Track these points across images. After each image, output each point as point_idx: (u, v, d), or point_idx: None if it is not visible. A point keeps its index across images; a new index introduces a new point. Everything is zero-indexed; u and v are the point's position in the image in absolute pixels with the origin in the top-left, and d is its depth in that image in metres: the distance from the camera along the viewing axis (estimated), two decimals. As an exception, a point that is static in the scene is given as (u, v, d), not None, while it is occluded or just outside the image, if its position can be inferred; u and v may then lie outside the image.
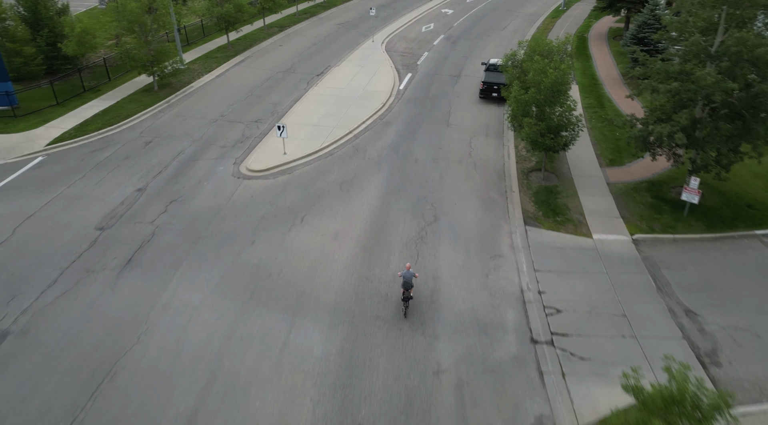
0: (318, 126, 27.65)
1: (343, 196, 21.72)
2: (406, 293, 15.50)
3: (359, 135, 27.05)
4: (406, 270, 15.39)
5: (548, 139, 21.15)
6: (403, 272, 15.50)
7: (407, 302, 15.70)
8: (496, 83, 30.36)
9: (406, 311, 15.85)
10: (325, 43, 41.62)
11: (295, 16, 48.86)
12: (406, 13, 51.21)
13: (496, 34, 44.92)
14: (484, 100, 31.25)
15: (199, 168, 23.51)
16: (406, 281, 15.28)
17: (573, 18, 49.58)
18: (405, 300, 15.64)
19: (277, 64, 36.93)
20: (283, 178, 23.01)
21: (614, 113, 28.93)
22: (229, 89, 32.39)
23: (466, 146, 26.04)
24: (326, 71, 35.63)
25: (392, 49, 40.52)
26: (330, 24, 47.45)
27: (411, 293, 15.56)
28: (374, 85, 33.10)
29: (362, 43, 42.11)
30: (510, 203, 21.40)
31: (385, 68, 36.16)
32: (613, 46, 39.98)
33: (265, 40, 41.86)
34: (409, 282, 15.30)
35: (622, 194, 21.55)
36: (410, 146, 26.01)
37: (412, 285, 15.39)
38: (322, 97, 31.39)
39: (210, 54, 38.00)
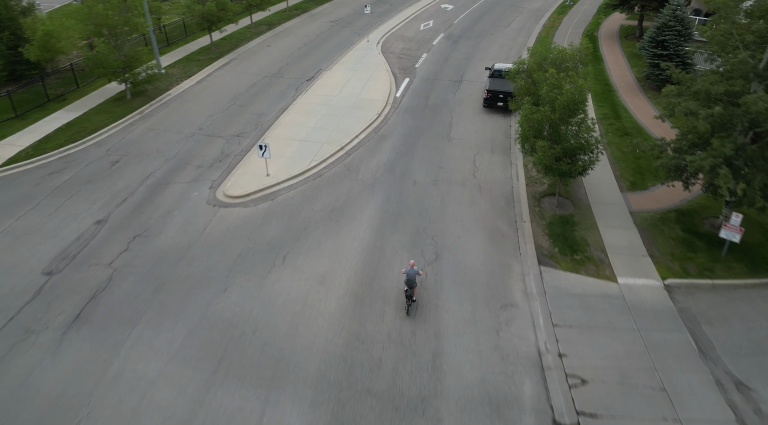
0: (306, 141, 25.00)
1: (332, 228, 19.17)
2: (408, 292, 15.32)
3: (351, 152, 24.43)
4: (410, 268, 15.15)
5: (564, 164, 18.60)
6: (406, 270, 15.22)
7: (410, 300, 15.49)
8: (502, 92, 27.69)
9: (409, 310, 15.62)
10: (316, 44, 38.79)
11: (285, 12, 45.91)
12: (404, 9, 48.28)
13: (499, 32, 42.12)
14: (488, 110, 28.61)
15: (170, 194, 20.88)
16: (410, 279, 15.08)
17: (580, 14, 46.76)
18: (408, 298, 15.45)
19: (263, 67, 34.14)
20: (264, 205, 20.42)
21: (632, 124, 26.33)
22: (210, 97, 29.64)
23: (469, 164, 23.46)
24: (317, 76, 32.89)
25: (388, 50, 37.73)
26: (322, 21, 44.54)
27: (414, 293, 15.35)
28: (369, 93, 30.40)
29: (356, 43, 39.28)
30: (521, 237, 18.88)
31: (381, 72, 33.42)
32: (626, 47, 37.26)
33: (251, 40, 38.97)
34: (413, 280, 15.08)
35: (648, 225, 19.04)
36: (408, 164, 23.41)
37: (415, 283, 15.17)
38: (311, 106, 28.69)
39: (191, 56, 35.15)
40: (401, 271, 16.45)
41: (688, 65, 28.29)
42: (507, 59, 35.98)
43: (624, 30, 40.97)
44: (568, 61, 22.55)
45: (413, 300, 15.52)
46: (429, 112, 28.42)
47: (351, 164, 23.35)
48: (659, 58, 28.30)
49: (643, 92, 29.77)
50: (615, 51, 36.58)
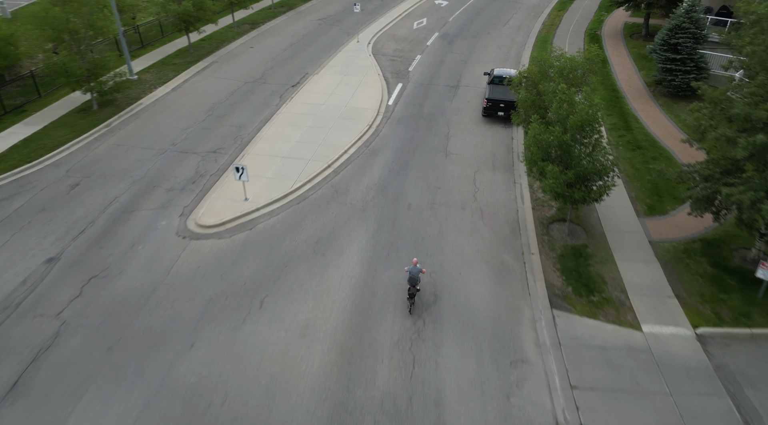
0: (290, 158, 22.72)
1: (317, 263, 17.00)
2: (411, 289, 14.94)
3: (340, 170, 22.20)
4: (413, 266, 14.88)
5: (578, 191, 16.52)
6: (409, 267, 14.96)
7: (413, 298, 15.11)
8: (503, 101, 25.52)
9: (411, 308, 15.30)
10: (303, 44, 36.36)
11: (270, 9, 43.30)
12: (396, 6, 45.82)
13: (497, 31, 39.86)
14: (487, 120, 26.42)
15: (135, 223, 18.59)
16: (412, 276, 14.78)
17: (581, 11, 44.56)
18: (411, 297, 15.06)
19: (245, 71, 31.71)
20: (241, 236, 18.19)
21: (644, 136, 24.24)
22: (185, 107, 27.22)
23: (469, 184, 21.33)
24: (303, 81, 30.54)
25: (380, 51, 35.38)
26: (310, 19, 42.03)
27: (418, 288, 15.03)
28: (359, 100, 28.11)
29: (346, 43, 36.89)
30: (529, 273, 16.81)
31: (372, 77, 31.12)
32: (632, 47, 35.15)
33: (233, 41, 36.44)
34: (416, 278, 14.77)
35: (672, 259, 17.02)
36: (402, 184, 21.24)
37: (418, 280, 14.88)
38: (296, 116, 26.37)
39: (167, 60, 32.63)
40: (404, 269, 16.13)
41: (702, 70, 26.25)
42: (506, 61, 33.81)
43: (628, 28, 38.83)
44: (577, 70, 20.52)
45: (418, 289, 15.14)
46: (424, 122, 26.21)
47: (339, 185, 21.15)
48: (672, 62, 26.21)
49: (653, 99, 27.69)
50: (621, 52, 34.46)
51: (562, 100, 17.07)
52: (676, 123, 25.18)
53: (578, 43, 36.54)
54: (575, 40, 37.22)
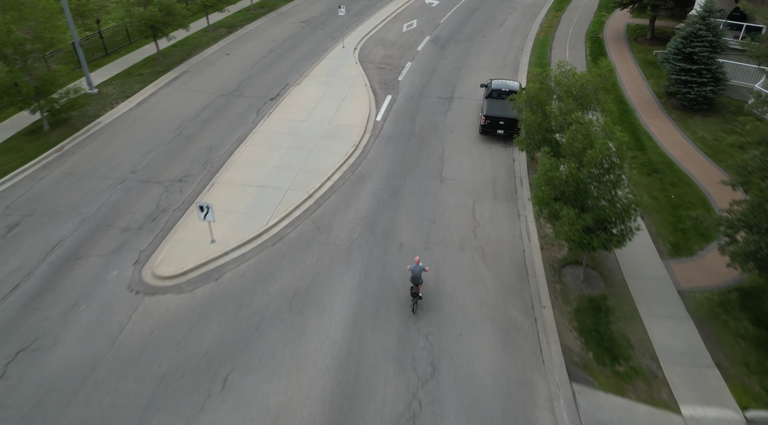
0: (266, 188, 20.12)
1: (293, 325, 14.49)
2: (414, 288, 14.64)
3: (322, 200, 19.66)
4: (415, 264, 14.54)
5: (598, 238, 14.16)
6: (411, 266, 14.62)
7: (415, 298, 14.80)
8: (502, 118, 23.05)
9: (414, 307, 14.93)
10: (284, 50, 33.59)
11: (250, 11, 40.40)
12: (384, 6, 43.10)
13: (491, 33, 37.34)
14: (486, 138, 23.93)
15: (79, 275, 15.94)
16: (415, 275, 14.46)
17: (580, 11, 42.17)
18: (413, 296, 14.75)
19: (220, 82, 28.93)
20: (205, 289, 15.62)
21: (660, 158, 21.84)
22: (150, 125, 24.43)
23: (468, 217, 18.90)
24: (283, 93, 27.84)
25: (367, 58, 32.74)
26: (292, 22, 39.19)
27: (420, 290, 14.72)
28: (344, 116, 25.49)
29: (330, 48, 34.19)
30: (542, 333, 14.44)
31: (359, 88, 28.49)
32: (637, 52, 32.80)
33: (208, 47, 33.57)
34: (418, 277, 14.45)
35: (706, 314, 14.74)
36: (392, 218, 18.75)
37: (421, 280, 14.57)
38: (275, 136, 23.70)
39: (133, 70, 29.74)
40: (406, 267, 15.78)
41: (720, 81, 23.99)
42: (503, 69, 31.34)
43: (632, 31, 36.50)
44: (588, 88, 18.12)
45: (419, 297, 14.83)
46: (416, 141, 23.70)
47: (321, 220, 18.61)
48: (686, 73, 23.88)
49: (666, 113, 25.38)
50: (625, 57, 32.14)
51: (577, 131, 14.68)
52: (694, 141, 22.89)
53: (579, 47, 34.18)
54: (576, 43, 34.85)
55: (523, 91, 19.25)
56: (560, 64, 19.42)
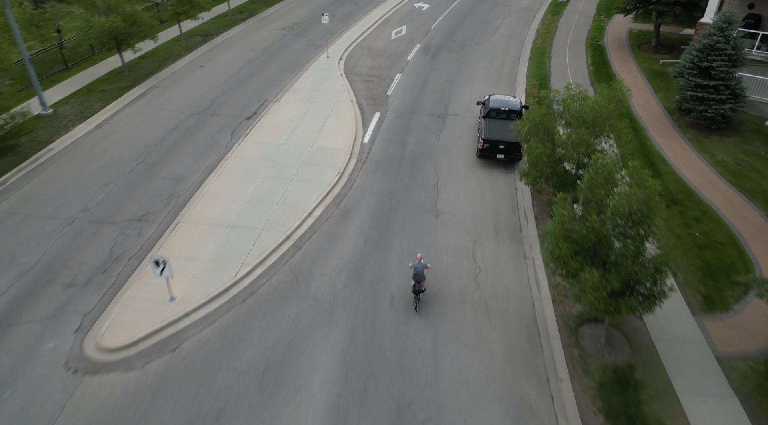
0: (237, 227, 17.69)
1: (263, 411, 12.07)
2: (417, 286, 14.47)
3: (302, 242, 17.28)
4: (418, 261, 14.37)
5: (626, 304, 11.94)
6: (414, 263, 14.43)
7: (418, 295, 14.65)
8: (503, 142, 20.81)
9: (417, 305, 14.77)
10: (263, 61, 31.04)
11: (227, 17, 37.72)
12: (371, 11, 40.64)
13: (486, 40, 35.07)
14: (484, 163, 21.69)
15: (8, 348, 13.30)
16: (417, 273, 14.29)
17: (578, 14, 40.02)
18: (416, 293, 14.59)
19: (191, 99, 26.33)
20: (158, 364, 13.16)
21: (678, 186, 19.57)
22: (109, 152, 21.81)
23: (468, 260, 16.62)
24: (261, 111, 25.35)
25: (353, 69, 30.30)
26: (272, 29, 36.59)
27: (423, 286, 14.51)
28: (328, 138, 23.04)
29: (313, 59, 31.72)
30: (561, 415, 12.17)
31: (344, 105, 26.08)
32: (642, 61, 30.64)
33: (180, 59, 30.91)
34: (420, 274, 14.29)
35: (753, 389, 12.54)
36: (382, 263, 16.42)
37: (423, 277, 14.35)
38: (250, 163, 21.20)
39: (94, 86, 27.02)
40: (408, 265, 15.62)
41: (739, 98, 21.94)
42: (499, 81, 29.08)
43: (634, 37, 34.40)
44: (602, 116, 15.92)
45: (422, 290, 14.60)
46: (407, 166, 21.37)
47: (300, 267, 16.21)
48: (703, 89, 21.78)
49: (679, 132, 23.26)
50: (630, 67, 30.02)
51: (598, 174, 12.44)
52: (713, 165, 20.79)
53: (580, 55, 32.02)
54: (576, 51, 32.70)
55: (526, 117, 16.96)
56: (568, 87, 17.22)
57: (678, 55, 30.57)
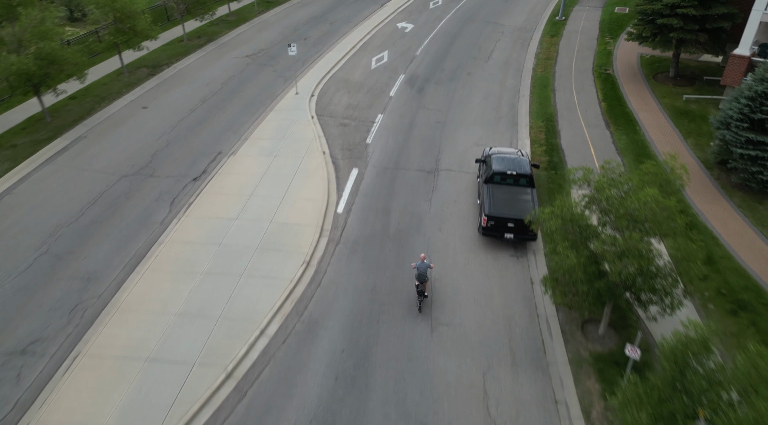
0: (157, 362, 12.79)
1: None
2: (420, 286, 14.23)
3: (246, 383, 12.54)
4: (421, 262, 14.18)
5: None
6: (417, 263, 14.22)
7: (421, 296, 14.40)
8: (512, 219, 16.42)
9: (420, 306, 14.52)
10: (220, 100, 26.25)
11: (182, 43, 32.91)
12: (349, 33, 36.12)
13: (478, 68, 30.75)
14: (489, 242, 17.29)
15: None
16: (420, 273, 14.08)
17: (580, 35, 35.96)
18: (419, 294, 14.35)
19: (126, 154, 21.46)
20: None
21: (739, 277, 15.08)
22: (3, 237, 16.83)
23: (478, 408, 12.03)
24: (212, 169, 20.63)
25: (327, 109, 25.71)
26: (235, 56, 31.81)
27: (426, 288, 14.43)
28: (293, 208, 18.32)
29: (280, 95, 27.07)
30: None
31: (314, 159, 21.46)
32: (662, 95, 26.31)
33: (119, 98, 25.94)
34: (424, 274, 14.07)
35: None
36: (359, 417, 11.91)
37: (426, 278, 14.18)
38: (189, 250, 16.34)
39: (5, 139, 21.63)
40: (411, 265, 15.53)
41: (798, 155, 17.90)
42: (498, 122, 24.65)
43: (648, 64, 30.35)
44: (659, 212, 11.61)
45: (425, 296, 14.43)
46: (392, 248, 16.86)
47: (243, 430, 11.63)
48: (757, 146, 17.62)
49: (724, 195, 18.94)
50: (649, 103, 25.90)
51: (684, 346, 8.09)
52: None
53: (588, 88, 27.88)
54: (583, 83, 28.55)
55: (551, 211, 12.53)
56: (606, 167, 12.94)
57: (702, 88, 26.56)
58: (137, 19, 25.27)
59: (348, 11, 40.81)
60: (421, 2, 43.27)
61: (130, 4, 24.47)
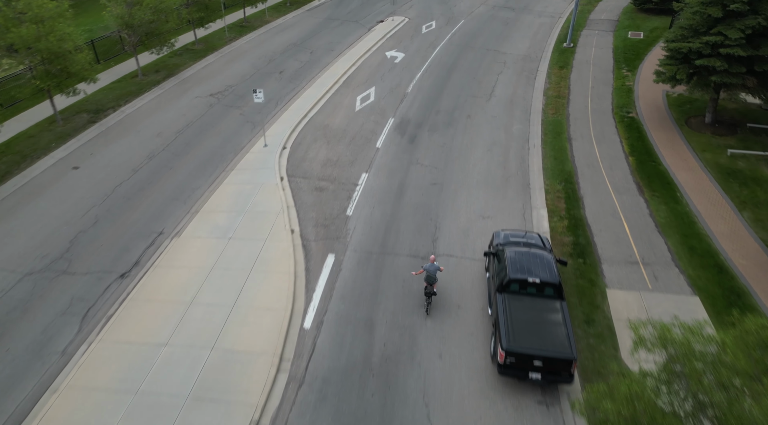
0: None
1: None
2: (429, 288, 14.04)
3: None
4: (430, 263, 13.96)
5: None
6: (426, 265, 13.98)
7: (430, 297, 14.17)
8: (540, 356, 11.99)
9: (428, 308, 14.27)
10: (171, 155, 21.69)
11: (135, 79, 28.42)
12: (331, 63, 31.80)
13: (479, 109, 26.43)
14: (507, 381, 12.98)
15: None
16: (430, 275, 13.90)
17: (592, 67, 31.78)
18: (428, 295, 14.13)
19: (36, 240, 16.70)
20: None
21: None
22: None
23: None
24: (146, 260, 16.00)
25: (300, 167, 21.15)
26: (196, 94, 27.29)
27: (435, 289, 14.06)
28: (244, 324, 13.65)
29: (246, 147, 22.62)
30: None
31: (279, 241, 16.82)
32: (700, 147, 21.88)
33: (46, 156, 21.17)
34: (433, 276, 13.90)
35: None
36: None
37: (435, 279, 13.99)
38: (90, 403, 11.56)
39: None
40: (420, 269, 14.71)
41: None
42: (506, 183, 20.27)
43: (676, 105, 26.03)
44: None
45: (434, 293, 14.12)
46: (375, 391, 12.26)
47: None
48: None
49: (806, 297, 14.97)
50: (686, 159, 21.57)
51: None
52: None
53: (610, 137, 23.56)
54: (603, 130, 24.26)
55: (611, 409, 8.18)
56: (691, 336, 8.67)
57: (747, 139, 22.16)
58: (69, 60, 20.81)
59: (331, 37, 36.61)
60: (413, 26, 39.19)
61: (58, 44, 19.97)
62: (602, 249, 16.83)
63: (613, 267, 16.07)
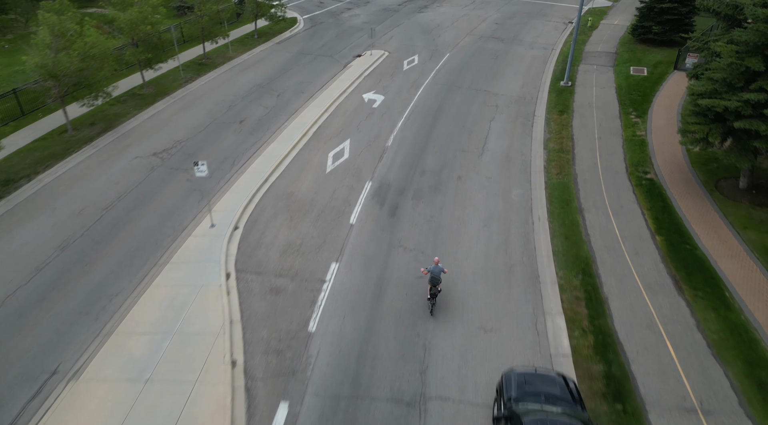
0: None
1: None
2: (433, 289, 14.13)
3: None
4: (434, 265, 14.07)
5: None
6: (430, 267, 14.12)
7: (434, 299, 14.26)
8: None
9: (432, 309, 14.37)
10: (91, 243, 17.06)
11: (64, 135, 23.86)
12: (300, 109, 27.66)
13: (471, 168, 22.36)
14: None
15: None
16: (434, 276, 14.02)
17: (595, 110, 28.11)
18: (432, 297, 14.22)
19: None
20: None
21: None
22: None
23: None
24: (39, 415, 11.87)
25: (253, 256, 16.71)
26: (137, 154, 22.71)
27: (439, 288, 14.21)
28: None
29: (188, 227, 18.26)
30: None
31: (213, 387, 12.21)
32: (739, 221, 17.94)
33: (-73, 249, 17.15)
34: (437, 278, 14.02)
35: None
36: None
37: (440, 281, 14.12)
38: None
39: None
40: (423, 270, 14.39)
41: None
42: (509, 271, 16.06)
43: (700, 163, 22.12)
44: None
45: (439, 290, 14.22)
46: None
47: None
48: None
49: None
50: (726, 239, 17.69)
51: None
52: None
53: (628, 205, 19.67)
54: (619, 196, 20.38)
55: None
56: None
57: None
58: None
59: (302, 75, 32.64)
60: (393, 61, 35.43)
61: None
62: (644, 386, 12.79)
63: (665, 419, 12.05)
